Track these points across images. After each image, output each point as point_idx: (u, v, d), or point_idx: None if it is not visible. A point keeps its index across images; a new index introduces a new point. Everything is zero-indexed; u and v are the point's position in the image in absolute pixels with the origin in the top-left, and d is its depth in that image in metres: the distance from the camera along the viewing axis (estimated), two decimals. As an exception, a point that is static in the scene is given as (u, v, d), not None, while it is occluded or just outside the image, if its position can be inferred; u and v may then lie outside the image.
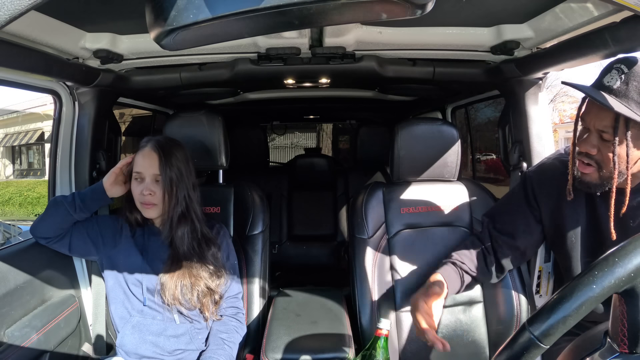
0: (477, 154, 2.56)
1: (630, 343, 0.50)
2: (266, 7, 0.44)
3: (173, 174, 1.12)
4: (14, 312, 1.08)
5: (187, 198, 1.15)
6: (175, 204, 1.13)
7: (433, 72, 1.45)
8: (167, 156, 1.13)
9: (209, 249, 1.18)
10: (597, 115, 0.91)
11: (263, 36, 1.19)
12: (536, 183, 1.11)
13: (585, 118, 0.94)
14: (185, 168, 1.16)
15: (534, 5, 1.03)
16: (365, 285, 1.28)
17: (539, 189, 1.10)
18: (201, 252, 1.17)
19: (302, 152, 3.99)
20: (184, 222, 1.15)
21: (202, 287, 1.15)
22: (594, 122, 0.92)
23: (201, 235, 1.18)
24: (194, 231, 1.17)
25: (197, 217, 1.17)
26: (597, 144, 0.92)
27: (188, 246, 1.16)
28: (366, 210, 1.36)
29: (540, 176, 1.12)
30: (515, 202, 1.16)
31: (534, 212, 1.12)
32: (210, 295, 1.17)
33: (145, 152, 1.14)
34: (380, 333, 0.93)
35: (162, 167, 1.12)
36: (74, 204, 1.16)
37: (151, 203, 1.13)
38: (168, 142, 1.17)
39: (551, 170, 1.09)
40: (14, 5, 0.43)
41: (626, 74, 0.86)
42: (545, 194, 1.09)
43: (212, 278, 1.17)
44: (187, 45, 0.54)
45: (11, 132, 12.53)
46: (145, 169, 1.13)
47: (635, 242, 0.49)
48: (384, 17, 0.50)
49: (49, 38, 1.03)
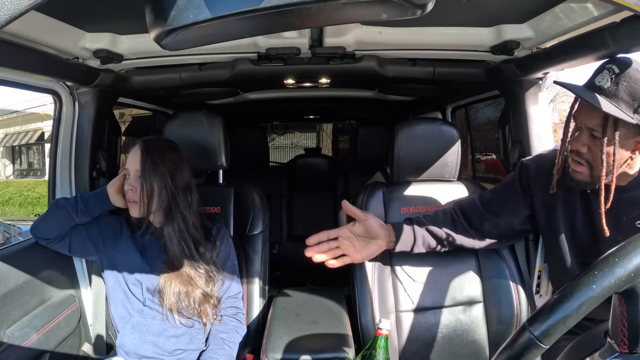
0: (477, 154, 2.56)
1: (630, 343, 0.50)
2: (266, 7, 0.44)
3: (153, 170, 1.11)
4: (14, 312, 1.08)
5: (169, 196, 1.12)
6: (153, 200, 1.11)
7: (433, 72, 1.45)
8: (150, 153, 1.12)
9: (201, 249, 1.17)
10: (588, 114, 0.93)
11: (263, 36, 1.19)
12: (532, 172, 1.13)
13: (576, 117, 0.96)
14: (173, 167, 1.14)
15: (534, 5, 1.03)
16: (365, 285, 1.28)
17: (535, 178, 1.12)
18: (193, 254, 1.16)
19: (302, 152, 3.99)
20: (169, 221, 1.14)
21: (198, 295, 1.14)
22: (585, 121, 0.94)
23: (189, 235, 1.16)
24: (182, 231, 1.15)
25: (183, 218, 1.15)
26: (588, 142, 0.94)
27: (178, 246, 1.15)
28: (366, 210, 1.35)
29: (537, 166, 1.13)
30: (507, 184, 1.18)
31: (525, 198, 1.14)
32: (208, 302, 1.16)
33: (132, 150, 1.15)
34: (380, 333, 0.93)
35: (142, 162, 1.11)
36: (76, 208, 1.15)
37: (133, 200, 1.13)
38: (157, 142, 1.16)
39: (549, 162, 1.10)
40: (14, 5, 0.43)
41: (617, 74, 0.88)
42: (541, 185, 1.10)
43: (208, 283, 1.17)
44: (187, 45, 0.54)
45: (11, 132, 12.54)
46: (130, 164, 1.14)
47: (635, 242, 0.49)
48: (384, 17, 0.50)
49: (49, 38, 1.03)
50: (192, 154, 1.41)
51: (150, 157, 1.12)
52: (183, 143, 1.39)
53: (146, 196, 1.11)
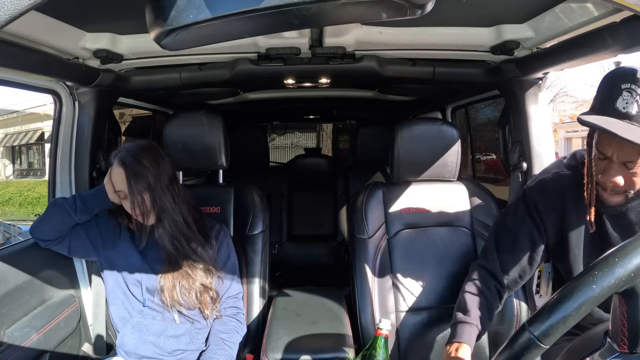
0: (477, 154, 2.56)
1: (630, 343, 0.50)
2: (266, 7, 0.44)
3: (138, 181, 1.10)
4: (14, 312, 1.08)
5: (157, 198, 1.13)
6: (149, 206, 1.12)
7: (433, 72, 1.45)
8: (129, 166, 1.11)
9: (193, 245, 1.17)
10: (620, 147, 0.85)
11: (263, 36, 1.19)
12: (539, 199, 1.07)
13: (603, 149, 0.88)
14: (155, 169, 1.13)
15: (534, 5, 1.03)
16: (365, 285, 1.28)
17: (543, 205, 1.06)
18: (186, 251, 1.16)
19: (302, 152, 3.99)
20: (159, 221, 1.14)
21: (198, 286, 1.15)
22: (617, 154, 0.86)
23: (180, 233, 1.16)
24: (172, 230, 1.15)
25: (171, 215, 1.15)
26: (622, 173, 0.87)
27: (171, 244, 1.15)
28: (366, 210, 1.35)
29: (542, 192, 1.07)
30: (518, 220, 1.10)
31: (538, 228, 1.07)
32: (207, 292, 1.17)
33: (114, 170, 1.13)
34: (380, 333, 0.93)
35: (127, 179, 1.10)
36: (74, 206, 1.15)
37: (139, 214, 1.13)
38: (131, 150, 1.14)
39: (552, 184, 1.06)
40: (14, 5, 0.43)
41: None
42: (550, 209, 1.05)
43: (206, 275, 1.17)
44: (187, 45, 0.54)
45: (11, 132, 12.54)
46: (121, 186, 1.12)
47: (635, 242, 0.49)
48: (384, 17, 0.50)
49: (49, 38, 1.03)
50: (192, 154, 1.41)
51: (131, 169, 1.10)
52: (183, 143, 1.40)
53: (144, 206, 1.12)
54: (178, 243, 1.16)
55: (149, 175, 1.12)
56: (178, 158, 1.36)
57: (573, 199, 1.02)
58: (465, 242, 1.36)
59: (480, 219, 1.38)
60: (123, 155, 1.13)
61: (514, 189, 1.43)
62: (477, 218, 1.38)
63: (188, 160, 1.42)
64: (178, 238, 1.16)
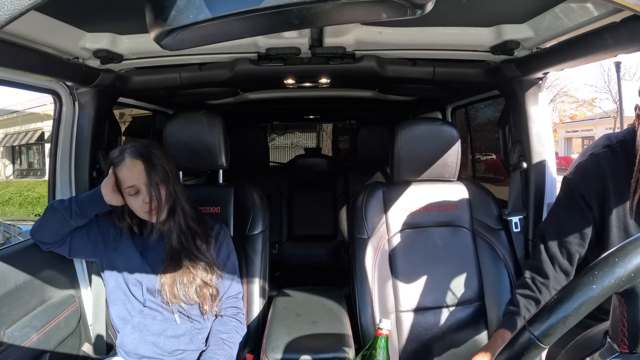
0: (477, 154, 2.56)
1: (630, 343, 0.50)
2: (266, 7, 0.44)
3: (158, 175, 1.12)
4: (14, 312, 1.08)
5: (174, 194, 1.16)
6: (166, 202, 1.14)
7: (433, 72, 1.45)
8: (149, 159, 1.12)
9: (198, 242, 1.19)
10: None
11: (263, 36, 1.19)
12: (582, 186, 1.09)
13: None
14: (167, 163, 1.15)
15: (534, 5, 1.03)
16: (365, 285, 1.28)
17: (586, 190, 1.08)
18: (191, 246, 1.17)
19: (302, 152, 3.99)
20: (172, 216, 1.16)
21: (198, 281, 1.16)
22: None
23: (187, 228, 1.18)
24: (181, 225, 1.17)
25: (182, 209, 1.18)
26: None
27: (177, 239, 1.16)
28: (366, 210, 1.36)
29: (584, 178, 1.09)
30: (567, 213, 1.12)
31: (587, 217, 1.09)
32: (207, 288, 1.17)
33: (128, 164, 1.12)
34: (380, 333, 0.93)
35: (147, 172, 1.11)
36: (70, 210, 1.13)
37: (153, 209, 1.13)
38: (140, 146, 1.15)
39: (592, 168, 1.08)
40: (14, 5, 0.43)
41: None
42: (594, 193, 1.07)
43: (206, 272, 1.18)
44: (187, 45, 0.54)
45: (11, 132, 12.54)
46: (136, 180, 1.11)
47: (636, 242, 0.49)
48: (384, 17, 0.49)
49: (49, 38, 1.03)
50: (192, 154, 1.41)
51: (149, 161, 1.12)
52: (183, 143, 1.40)
53: (161, 201, 1.13)
54: (184, 238, 1.17)
55: (166, 167, 1.14)
56: (178, 158, 1.37)
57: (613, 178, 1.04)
58: (465, 242, 1.36)
59: (480, 219, 1.38)
60: (135, 149, 1.13)
61: (514, 189, 1.43)
62: (477, 218, 1.38)
63: (188, 160, 1.42)
64: (185, 233, 1.17)
